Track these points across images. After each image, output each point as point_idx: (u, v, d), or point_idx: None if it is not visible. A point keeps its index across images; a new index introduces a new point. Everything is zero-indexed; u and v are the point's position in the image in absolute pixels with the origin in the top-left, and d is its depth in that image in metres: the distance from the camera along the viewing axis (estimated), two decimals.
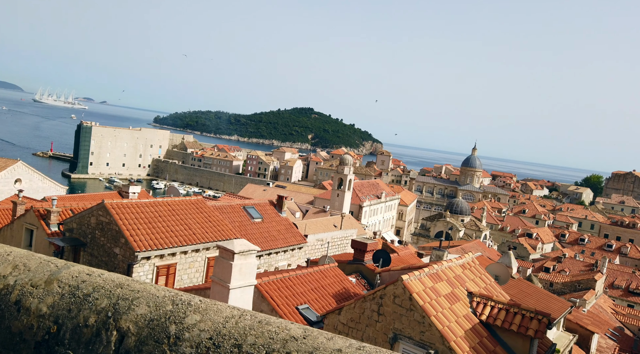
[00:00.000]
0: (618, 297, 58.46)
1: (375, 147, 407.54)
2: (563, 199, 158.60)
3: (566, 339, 18.43)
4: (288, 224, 28.42)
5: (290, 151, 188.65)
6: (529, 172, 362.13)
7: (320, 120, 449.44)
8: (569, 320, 22.44)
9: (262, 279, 14.56)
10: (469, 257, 16.90)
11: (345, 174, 73.02)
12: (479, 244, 55.10)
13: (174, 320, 1.84)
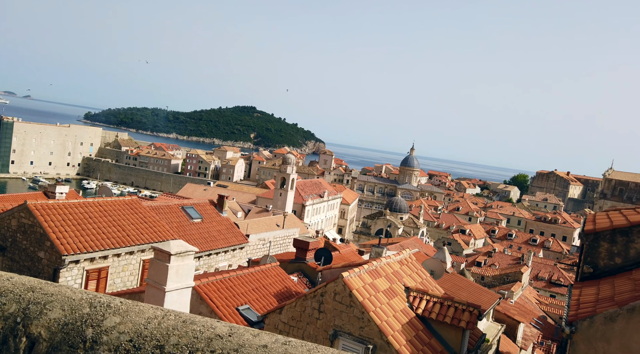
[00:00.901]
0: (542, 288, 62.86)
1: (318, 146, 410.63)
2: (493, 197, 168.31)
3: (495, 329, 19.56)
4: (229, 224, 27.92)
5: (232, 150, 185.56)
6: (463, 172, 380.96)
7: (262, 119, 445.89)
8: (498, 311, 23.84)
9: (201, 281, 14.19)
10: (406, 254, 17.47)
11: (288, 174, 72.96)
12: (416, 240, 57.14)
13: (91, 323, 1.73)
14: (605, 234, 11.64)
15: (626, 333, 8.02)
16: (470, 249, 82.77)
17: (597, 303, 9.42)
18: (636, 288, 9.34)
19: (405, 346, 11.34)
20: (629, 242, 11.35)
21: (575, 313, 9.16)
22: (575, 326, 8.47)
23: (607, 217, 13.20)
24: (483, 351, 15.95)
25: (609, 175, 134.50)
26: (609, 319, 8.20)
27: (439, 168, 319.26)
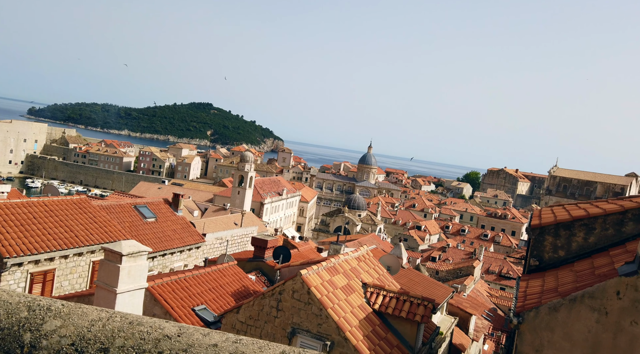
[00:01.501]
0: (492, 281, 65.51)
1: (277, 144, 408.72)
2: (447, 194, 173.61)
3: (448, 322, 20.20)
4: (185, 223, 27.29)
5: (188, 147, 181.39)
6: (418, 169, 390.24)
7: (220, 116, 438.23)
8: (451, 304, 24.64)
9: (155, 282, 13.79)
10: (364, 250, 17.71)
11: (246, 171, 72.16)
12: (374, 237, 58.05)
13: (29, 327, 1.63)
14: (550, 228, 12.25)
15: (568, 321, 8.48)
16: (426, 245, 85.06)
17: (542, 294, 9.91)
18: (577, 279, 9.90)
19: (362, 341, 11.51)
20: (572, 236, 12.00)
21: (522, 304, 9.60)
22: (522, 317, 8.88)
23: (552, 212, 13.91)
24: (437, 343, 16.44)
25: (554, 172, 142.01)
26: (553, 309, 8.65)
27: (396, 166, 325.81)
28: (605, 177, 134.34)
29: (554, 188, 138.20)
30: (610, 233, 11.57)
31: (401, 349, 12.50)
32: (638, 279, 8.00)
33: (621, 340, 8.07)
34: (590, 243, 11.79)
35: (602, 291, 8.27)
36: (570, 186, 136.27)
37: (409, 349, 12.82)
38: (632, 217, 11.19)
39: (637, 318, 7.99)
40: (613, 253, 10.68)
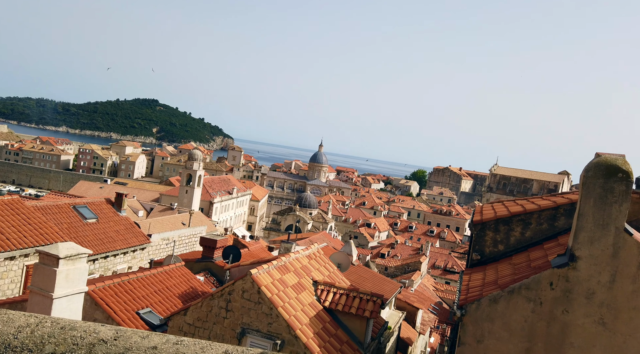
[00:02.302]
0: (438, 276, 67.91)
1: (227, 142, 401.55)
2: (396, 192, 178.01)
3: (396, 317, 20.73)
4: (129, 223, 26.22)
5: (132, 145, 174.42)
6: (368, 168, 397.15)
7: (166, 113, 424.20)
8: (399, 299, 25.30)
9: (96, 285, 13.15)
10: (314, 248, 17.80)
11: (194, 170, 70.39)
12: (325, 235, 58.47)
13: None
14: (490, 224, 12.85)
15: (507, 312, 8.94)
16: (375, 242, 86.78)
17: (484, 287, 10.39)
18: (515, 272, 10.46)
19: (312, 338, 11.56)
20: (510, 231, 12.65)
21: (465, 297, 10.02)
22: (465, 309, 9.26)
23: (492, 208, 14.61)
24: (385, 338, 16.82)
25: (495, 170, 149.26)
26: (493, 301, 9.08)
27: (347, 164, 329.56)
28: (540, 175, 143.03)
29: (494, 186, 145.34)
30: (544, 228, 12.31)
31: (350, 345, 12.68)
32: (569, 270, 8.56)
33: (554, 328, 8.62)
34: (527, 237, 12.48)
35: (537, 282, 8.78)
36: (509, 183, 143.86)
37: (359, 345, 13.03)
38: (564, 212, 11.96)
39: (568, 306, 8.55)
40: (547, 246, 11.38)
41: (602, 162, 8.31)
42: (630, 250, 8.18)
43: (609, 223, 8.22)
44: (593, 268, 8.38)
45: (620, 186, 8.13)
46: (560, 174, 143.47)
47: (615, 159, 8.28)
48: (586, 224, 8.38)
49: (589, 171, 8.45)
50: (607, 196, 8.20)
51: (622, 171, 8.13)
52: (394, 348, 19.48)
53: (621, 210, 8.18)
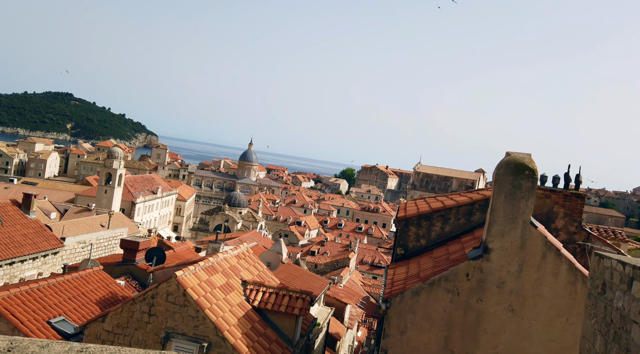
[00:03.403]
0: (366, 271, 69.88)
1: (150, 139, 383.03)
2: (325, 190, 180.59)
3: (325, 313, 21.05)
4: (38, 226, 24.16)
5: (43, 142, 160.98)
6: (298, 166, 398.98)
7: (82, 107, 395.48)
8: (328, 295, 25.72)
9: (0, 294, 11.97)
10: (243, 248, 17.55)
11: (114, 169, 66.44)
12: (255, 234, 57.88)
13: None
14: (413, 219, 13.44)
15: (428, 303, 9.40)
16: (306, 240, 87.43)
17: (407, 280, 10.85)
18: (435, 265, 11.03)
19: (240, 339, 11.39)
20: (431, 226, 13.32)
21: (390, 291, 10.40)
22: (390, 302, 9.61)
23: (415, 205, 15.30)
24: (314, 334, 17.01)
25: (418, 169, 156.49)
26: (415, 293, 9.51)
27: (277, 163, 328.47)
28: (459, 173, 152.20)
29: (418, 183, 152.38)
30: (462, 222, 13.11)
31: (279, 343, 12.67)
32: (483, 262, 9.19)
33: (470, 316, 9.20)
34: (447, 232, 13.21)
35: (455, 274, 9.33)
36: (431, 181, 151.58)
37: (288, 343, 13.05)
38: (479, 207, 12.81)
39: (482, 296, 9.17)
40: (464, 240, 12.12)
41: (511, 160, 9.01)
42: (536, 241, 8.94)
43: (518, 217, 8.93)
44: (504, 259, 9.06)
45: (527, 183, 8.86)
46: (476, 172, 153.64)
47: (523, 158, 9.01)
48: (498, 218, 9.04)
49: (500, 169, 9.12)
50: (515, 192, 8.90)
51: (528, 169, 8.87)
52: (322, 344, 19.76)
53: (528, 205, 8.92)
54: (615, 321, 4.42)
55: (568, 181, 12.24)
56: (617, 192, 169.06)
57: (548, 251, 8.85)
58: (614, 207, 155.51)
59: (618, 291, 4.43)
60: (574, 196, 12.21)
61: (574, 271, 8.78)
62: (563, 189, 12.22)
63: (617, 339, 4.34)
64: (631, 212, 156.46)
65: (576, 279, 8.73)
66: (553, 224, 12.13)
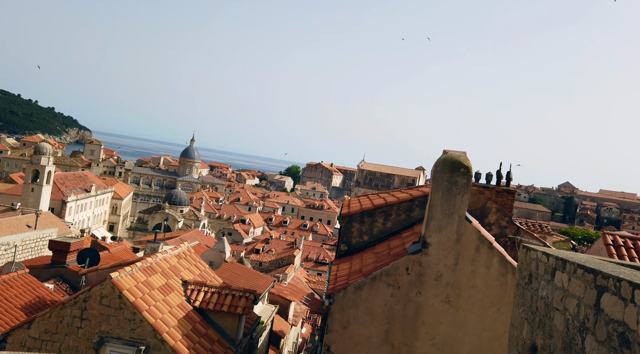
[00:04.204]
0: (311, 268, 70.26)
1: (83, 135, 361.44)
2: (270, 187, 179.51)
3: (269, 311, 20.93)
4: None
5: None
6: (243, 163, 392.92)
7: (5, 100, 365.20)
8: (273, 293, 25.58)
9: None
10: (184, 247, 17.03)
11: (42, 165, 62.10)
12: (197, 233, 56.44)
13: None
14: (357, 216, 13.66)
15: (370, 298, 9.59)
16: (250, 238, 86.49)
17: (350, 275, 11.01)
18: (377, 260, 11.28)
19: (180, 341, 11.05)
20: (374, 222, 13.60)
21: (333, 287, 10.50)
22: (333, 298, 9.70)
23: (358, 202, 15.56)
24: (258, 333, 16.86)
25: (362, 166, 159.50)
26: (358, 288, 9.67)
27: (220, 160, 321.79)
28: (401, 170, 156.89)
29: (362, 180, 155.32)
30: (402, 218, 13.49)
31: (222, 343, 12.43)
32: (422, 256, 9.50)
33: (409, 309, 9.49)
34: (388, 227, 13.55)
35: (396, 268, 9.58)
36: (374, 178, 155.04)
37: (230, 342, 12.83)
38: (419, 203, 13.24)
39: (421, 289, 9.49)
40: (405, 235, 12.49)
41: (448, 158, 9.38)
42: (470, 236, 9.38)
43: (454, 212, 9.31)
44: (441, 253, 9.43)
45: (462, 180, 9.27)
46: (417, 170, 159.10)
47: (459, 156, 9.41)
48: (435, 213, 9.38)
49: (437, 167, 9.47)
50: (452, 189, 9.28)
51: (463, 166, 9.27)
52: (266, 342, 19.64)
53: (463, 201, 9.33)
54: (540, 309, 4.72)
55: (500, 178, 12.95)
56: (544, 189, 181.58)
57: (481, 245, 9.31)
58: (541, 202, 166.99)
59: (543, 281, 4.73)
60: (505, 192, 12.94)
61: (504, 263, 9.29)
62: (495, 185, 12.91)
63: (541, 326, 4.63)
64: (556, 207, 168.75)
65: (507, 271, 9.25)
66: (486, 219, 12.79)
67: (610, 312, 3.39)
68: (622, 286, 3.27)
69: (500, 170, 12.97)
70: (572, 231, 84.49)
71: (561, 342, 4.13)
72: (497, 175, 12.96)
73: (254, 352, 16.27)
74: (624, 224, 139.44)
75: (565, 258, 4.27)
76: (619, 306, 3.28)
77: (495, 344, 9.12)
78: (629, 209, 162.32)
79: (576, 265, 4.01)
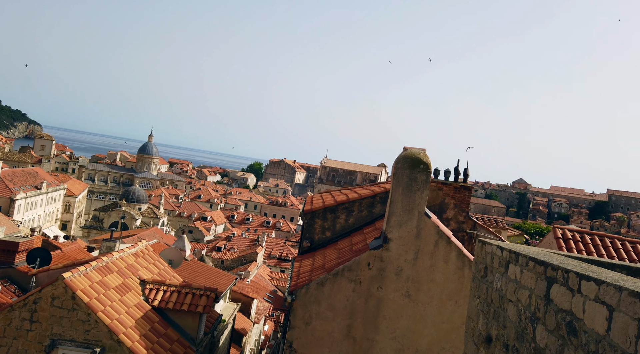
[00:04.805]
0: (274, 265, 69.98)
1: (33, 129, 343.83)
2: (233, 184, 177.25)
3: (231, 309, 20.70)
4: None
5: None
6: (204, 160, 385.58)
7: None
8: (235, 291, 25.29)
9: None
10: (142, 246, 16.56)
11: None
12: (156, 231, 55.00)
13: None
14: (319, 212, 13.71)
15: (332, 293, 9.65)
16: (212, 235, 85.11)
17: (312, 272, 11.04)
18: (339, 256, 11.36)
19: (138, 341, 10.74)
20: (336, 218, 13.68)
21: (296, 283, 10.50)
22: (295, 294, 9.70)
23: (321, 198, 15.60)
24: (219, 331, 16.65)
25: (325, 163, 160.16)
26: (320, 284, 9.71)
27: (180, 156, 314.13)
28: (363, 167, 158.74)
29: (325, 177, 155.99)
30: (364, 214, 13.65)
31: (182, 342, 12.18)
32: (383, 251, 9.65)
33: (371, 304, 9.63)
34: (350, 223, 13.67)
35: (357, 263, 9.68)
36: (337, 175, 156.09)
37: (190, 342, 12.60)
38: (380, 200, 13.43)
39: (382, 283, 9.64)
40: (366, 231, 12.64)
41: (408, 155, 9.55)
42: (429, 231, 9.60)
43: (414, 208, 9.50)
44: (401, 248, 9.60)
45: (422, 176, 9.46)
46: (379, 166, 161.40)
47: (418, 153, 9.60)
48: (396, 209, 9.54)
49: (398, 163, 9.63)
50: (412, 185, 9.46)
51: (423, 163, 9.47)
52: (228, 340, 19.42)
53: (422, 197, 9.53)
54: (494, 301, 4.89)
55: (457, 174, 13.32)
56: (499, 185, 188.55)
57: (440, 240, 9.55)
58: (497, 198, 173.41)
59: (497, 274, 4.90)
60: (462, 188, 13.32)
61: (462, 257, 9.57)
62: (453, 182, 13.27)
63: (496, 317, 4.81)
64: (511, 202, 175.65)
65: (464, 265, 9.53)
66: (445, 214, 13.14)
67: (559, 302, 3.55)
68: (570, 277, 3.44)
69: (458, 167, 13.34)
70: (525, 226, 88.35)
71: (514, 332, 4.29)
72: (455, 172, 13.32)
73: (215, 351, 16.05)
74: (573, 218, 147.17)
75: (518, 251, 4.44)
76: (567, 296, 3.44)
77: (453, 336, 9.39)
78: (577, 204, 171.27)
79: (528, 258, 4.17)
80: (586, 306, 3.17)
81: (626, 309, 2.73)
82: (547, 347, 3.64)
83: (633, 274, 4.43)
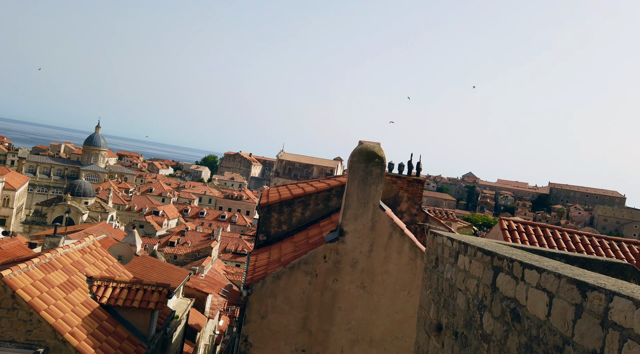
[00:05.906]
0: (229, 259, 69.11)
1: None
2: (186, 177, 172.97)
3: (185, 305, 20.28)
4: None
5: None
6: (155, 152, 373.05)
7: None
8: (188, 287, 24.79)
9: None
10: (89, 241, 15.89)
11: None
12: (104, 226, 52.88)
13: None
14: (276, 206, 13.65)
15: (288, 287, 9.66)
16: (164, 230, 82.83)
17: (268, 265, 10.99)
18: (296, 249, 11.38)
19: (85, 340, 10.32)
20: (292, 212, 13.68)
21: (251, 277, 10.43)
22: (251, 288, 9.64)
23: (277, 192, 15.54)
24: (172, 327, 16.29)
25: (281, 156, 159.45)
26: (276, 277, 9.69)
27: (130, 148, 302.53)
28: (319, 161, 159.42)
29: (281, 170, 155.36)
30: (320, 207, 13.73)
31: (132, 340, 11.82)
32: (339, 244, 9.76)
33: (327, 296, 9.72)
34: (307, 217, 13.72)
35: (314, 257, 9.74)
36: (294, 168, 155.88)
37: (142, 339, 12.25)
38: (336, 193, 13.55)
39: (337, 276, 9.75)
40: (323, 224, 12.72)
41: (363, 149, 9.68)
42: (384, 223, 9.80)
43: (369, 201, 9.66)
44: (357, 240, 9.75)
45: (376, 169, 9.63)
46: (335, 160, 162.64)
47: (373, 147, 9.75)
48: (352, 202, 9.67)
49: (353, 157, 9.74)
50: (367, 178, 9.61)
51: (378, 157, 9.63)
52: (181, 336, 19.04)
53: (377, 190, 9.70)
54: (445, 290, 5.07)
55: (410, 168, 13.65)
56: (450, 179, 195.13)
57: (394, 232, 9.77)
58: (448, 191, 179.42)
59: (447, 264, 5.08)
60: (415, 181, 13.67)
61: (414, 248, 9.84)
62: (407, 175, 13.59)
63: (446, 306, 4.99)
64: (461, 195, 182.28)
65: (416, 256, 9.81)
66: (399, 207, 13.45)
67: (504, 290, 3.73)
68: (514, 266, 3.62)
69: (411, 161, 13.67)
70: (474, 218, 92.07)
71: (463, 320, 4.47)
72: (408, 165, 13.65)
73: (168, 347, 15.70)
74: (518, 210, 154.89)
75: (467, 242, 4.62)
76: (512, 284, 3.62)
77: (406, 326, 9.66)
78: (522, 197, 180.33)
79: (476, 248, 4.35)
80: (529, 293, 3.35)
81: (564, 295, 2.91)
82: (493, 333, 3.82)
83: (571, 263, 4.72)
